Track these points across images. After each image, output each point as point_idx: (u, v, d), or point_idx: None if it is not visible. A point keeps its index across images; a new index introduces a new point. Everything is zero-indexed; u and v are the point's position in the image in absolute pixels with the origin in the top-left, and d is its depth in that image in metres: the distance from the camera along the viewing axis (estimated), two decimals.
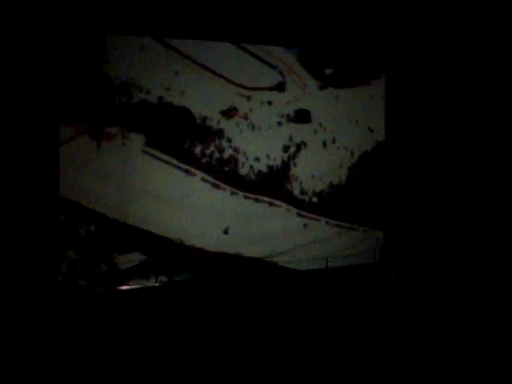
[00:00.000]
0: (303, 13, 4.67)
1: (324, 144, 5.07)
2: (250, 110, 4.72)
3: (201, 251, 4.47)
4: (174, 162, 4.39)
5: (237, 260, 4.59)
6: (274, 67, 4.84)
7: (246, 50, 4.71)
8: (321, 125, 5.07)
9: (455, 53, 4.86)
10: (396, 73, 5.28)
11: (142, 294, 4.09)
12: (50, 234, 3.74)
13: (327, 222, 5.05)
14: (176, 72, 4.41)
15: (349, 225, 5.18)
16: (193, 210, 4.47)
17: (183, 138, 4.44)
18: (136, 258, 4.21)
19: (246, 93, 4.72)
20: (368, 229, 5.26)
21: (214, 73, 4.56)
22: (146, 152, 4.27)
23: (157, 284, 4.20)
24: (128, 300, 4.01)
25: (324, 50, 5.03)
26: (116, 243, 4.15)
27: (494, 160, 4.54)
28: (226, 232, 4.56)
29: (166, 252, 4.31)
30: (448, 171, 4.94)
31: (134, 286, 4.10)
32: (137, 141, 4.23)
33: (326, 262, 4.97)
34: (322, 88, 5.09)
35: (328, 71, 5.10)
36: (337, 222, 5.13)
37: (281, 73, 4.88)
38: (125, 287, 4.07)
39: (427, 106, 5.09)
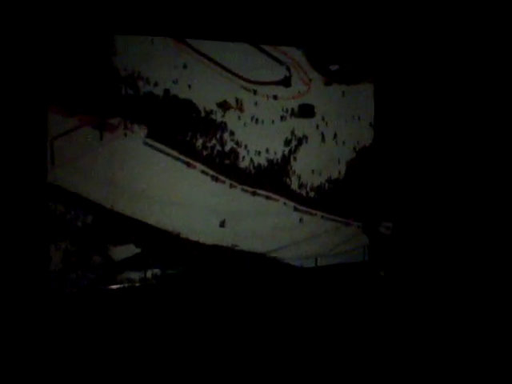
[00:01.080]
0: (309, 13, 4.70)
1: (325, 139, 5.05)
2: (256, 103, 4.70)
3: (196, 244, 4.49)
4: (175, 154, 4.38)
5: (232, 254, 4.62)
6: (281, 62, 4.81)
7: (255, 45, 4.69)
8: (323, 119, 5.06)
9: (441, 56, 4.94)
10: (384, 74, 5.30)
11: (135, 287, 4.11)
12: (39, 226, 3.71)
13: (323, 217, 5.07)
14: (185, 65, 4.39)
15: (344, 219, 5.19)
16: (191, 202, 4.48)
17: (186, 131, 4.43)
18: (130, 249, 4.20)
19: (252, 87, 4.71)
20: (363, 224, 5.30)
21: (222, 66, 4.55)
22: (147, 144, 4.26)
23: (149, 276, 4.21)
24: (121, 295, 4.04)
25: (330, 46, 5.03)
26: (111, 234, 4.15)
27: (482, 158, 4.55)
28: (222, 225, 4.58)
29: (161, 244, 4.31)
30: (438, 170, 4.96)
31: (125, 285, 4.11)
32: (139, 132, 4.22)
33: (316, 260, 5.01)
34: (326, 84, 5.09)
35: (333, 67, 5.10)
36: (332, 217, 5.14)
37: (287, 68, 4.87)
38: (116, 286, 4.08)
39: (416, 109, 5.09)
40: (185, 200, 4.46)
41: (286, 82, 4.88)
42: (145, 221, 4.30)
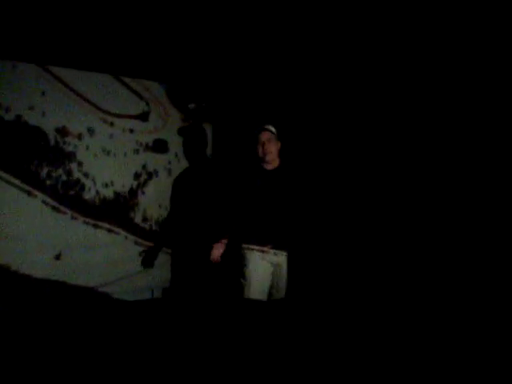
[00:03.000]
0: (171, 50, 4.70)
1: (176, 174, 5.01)
2: (111, 135, 4.58)
3: (27, 278, 4.18)
4: (16, 182, 4.10)
5: (63, 289, 4.39)
6: (141, 97, 4.76)
7: (117, 78, 4.56)
8: (176, 155, 5.04)
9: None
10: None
11: None
12: None
13: (165, 251, 5.02)
14: (43, 92, 4.19)
15: None
16: (27, 233, 4.20)
17: (32, 159, 4.18)
18: None
19: (110, 119, 4.59)
20: None
21: (81, 96, 4.41)
22: None
23: None
24: None
25: (189, 85, 5.11)
26: None
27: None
28: (57, 258, 4.34)
29: None
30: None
31: None
32: None
33: (152, 293, 4.95)
34: (184, 120, 5.10)
35: (191, 106, 5.09)
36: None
37: (147, 103, 4.84)
38: None
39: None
40: (20, 231, 4.17)
41: (143, 117, 4.82)
42: None
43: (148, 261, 4.65)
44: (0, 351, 3.71)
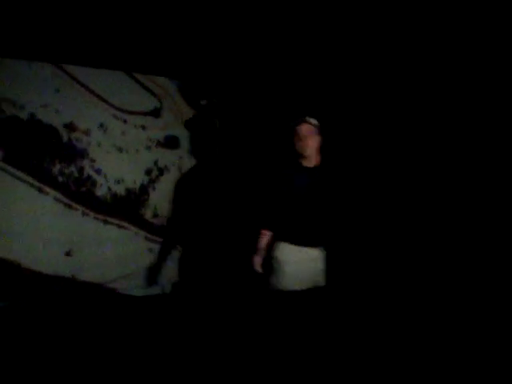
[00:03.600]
0: (183, 48, 4.65)
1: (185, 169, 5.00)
2: (123, 132, 4.55)
3: (37, 274, 4.19)
4: (29, 179, 4.10)
5: (73, 285, 4.38)
6: (153, 94, 4.74)
7: (130, 75, 4.57)
8: (188, 151, 4.99)
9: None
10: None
11: None
12: None
13: (175, 247, 5.02)
14: (57, 90, 4.19)
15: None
16: (39, 229, 4.21)
17: (44, 156, 4.17)
18: None
19: (123, 116, 4.57)
20: None
21: (95, 94, 4.38)
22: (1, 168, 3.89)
23: None
24: None
25: (201, 82, 5.05)
26: None
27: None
28: (68, 254, 4.33)
29: None
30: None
31: None
32: None
33: (163, 288, 4.95)
34: (195, 117, 5.08)
35: (203, 102, 5.06)
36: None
37: (159, 99, 4.79)
38: None
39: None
40: (31, 227, 4.16)
41: (156, 113, 4.79)
42: None
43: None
44: (11, 346, 3.75)
